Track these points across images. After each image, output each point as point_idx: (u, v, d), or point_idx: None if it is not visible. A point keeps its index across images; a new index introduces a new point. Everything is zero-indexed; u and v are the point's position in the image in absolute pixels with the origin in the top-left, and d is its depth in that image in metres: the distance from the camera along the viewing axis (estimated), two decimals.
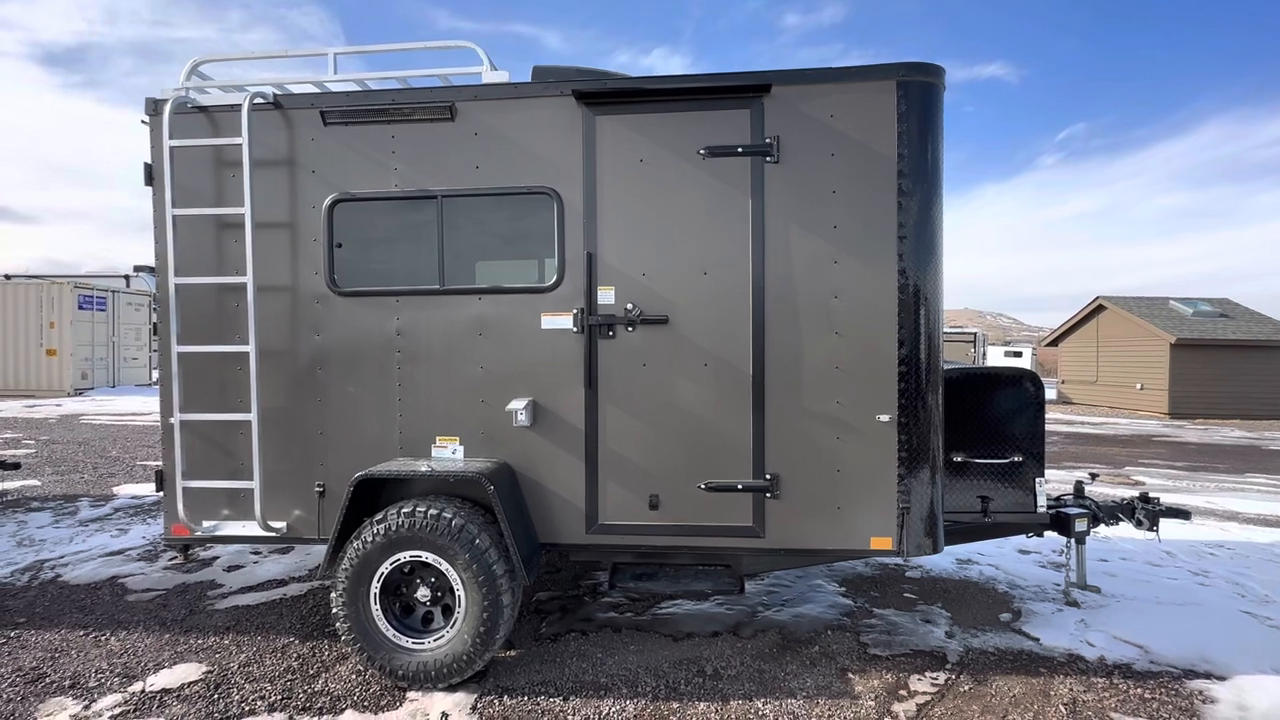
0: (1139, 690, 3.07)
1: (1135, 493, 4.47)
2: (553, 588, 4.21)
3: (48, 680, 3.07)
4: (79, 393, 17.10)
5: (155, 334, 20.76)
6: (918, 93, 3.06)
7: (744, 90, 3.11)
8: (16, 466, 5.82)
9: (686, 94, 3.14)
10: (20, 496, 6.48)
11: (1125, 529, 4.23)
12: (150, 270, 22.52)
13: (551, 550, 3.31)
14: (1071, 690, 3.06)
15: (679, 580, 3.28)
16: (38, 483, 7.12)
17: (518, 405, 3.16)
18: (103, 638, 3.49)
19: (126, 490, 6.84)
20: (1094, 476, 4.59)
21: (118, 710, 2.83)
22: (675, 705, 2.90)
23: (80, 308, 17.37)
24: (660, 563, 3.36)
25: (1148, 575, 4.53)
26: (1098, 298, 22.71)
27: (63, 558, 4.72)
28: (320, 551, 4.56)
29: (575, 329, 3.21)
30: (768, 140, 3.10)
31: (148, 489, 6.85)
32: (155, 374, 20.42)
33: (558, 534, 3.26)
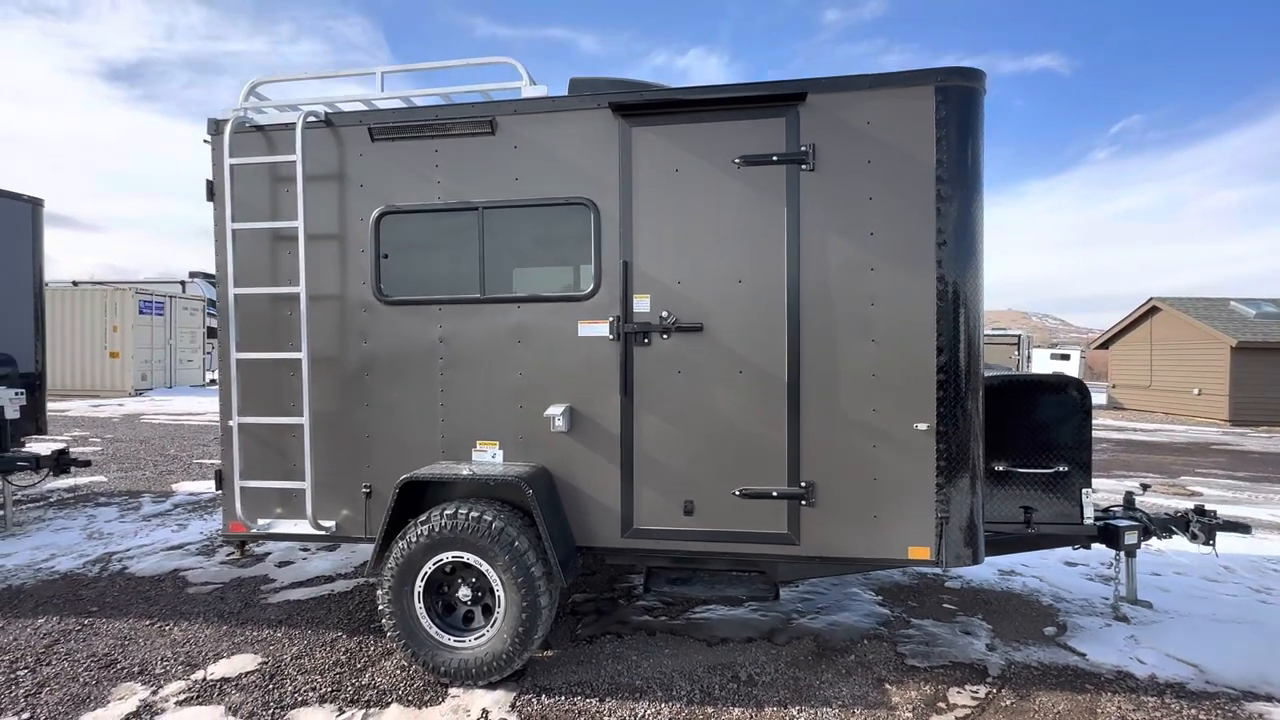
0: (1193, 711, 2.95)
1: (1190, 504, 4.29)
2: (588, 590, 4.28)
3: (119, 666, 3.27)
4: (139, 393, 18.03)
5: (209, 337, 21.70)
6: (957, 97, 3.02)
7: (779, 99, 3.12)
8: (87, 464, 6.19)
9: (721, 104, 3.17)
10: (90, 492, 6.90)
11: (1179, 542, 4.08)
12: (205, 276, 23.60)
13: (587, 553, 3.37)
14: (1120, 709, 2.97)
15: (713, 585, 3.31)
16: (104, 479, 7.56)
17: (555, 411, 3.23)
18: (166, 627, 3.70)
19: (184, 487, 7.20)
20: (1145, 487, 4.42)
21: (182, 696, 3.00)
22: (710, 710, 2.92)
23: (141, 312, 18.32)
24: (695, 568, 3.39)
25: (1204, 591, 4.35)
26: (1151, 298, 21.74)
27: (128, 551, 5.01)
28: (365, 550, 4.74)
29: (611, 336, 3.27)
30: (803, 148, 3.11)
31: (204, 486, 7.20)
32: (209, 375, 21.38)
33: (594, 537, 3.32)
